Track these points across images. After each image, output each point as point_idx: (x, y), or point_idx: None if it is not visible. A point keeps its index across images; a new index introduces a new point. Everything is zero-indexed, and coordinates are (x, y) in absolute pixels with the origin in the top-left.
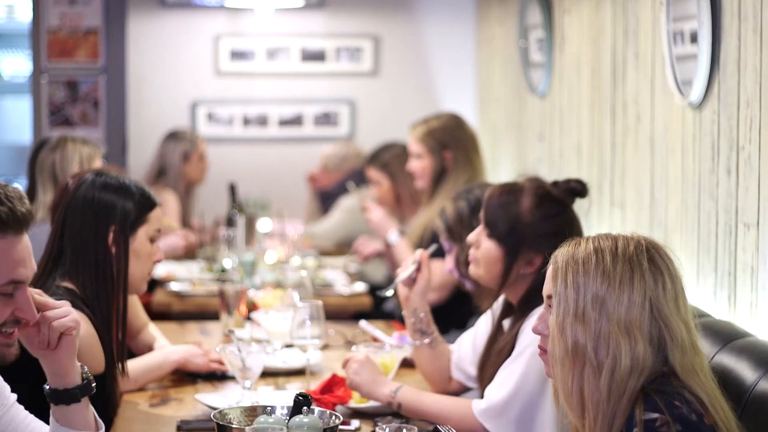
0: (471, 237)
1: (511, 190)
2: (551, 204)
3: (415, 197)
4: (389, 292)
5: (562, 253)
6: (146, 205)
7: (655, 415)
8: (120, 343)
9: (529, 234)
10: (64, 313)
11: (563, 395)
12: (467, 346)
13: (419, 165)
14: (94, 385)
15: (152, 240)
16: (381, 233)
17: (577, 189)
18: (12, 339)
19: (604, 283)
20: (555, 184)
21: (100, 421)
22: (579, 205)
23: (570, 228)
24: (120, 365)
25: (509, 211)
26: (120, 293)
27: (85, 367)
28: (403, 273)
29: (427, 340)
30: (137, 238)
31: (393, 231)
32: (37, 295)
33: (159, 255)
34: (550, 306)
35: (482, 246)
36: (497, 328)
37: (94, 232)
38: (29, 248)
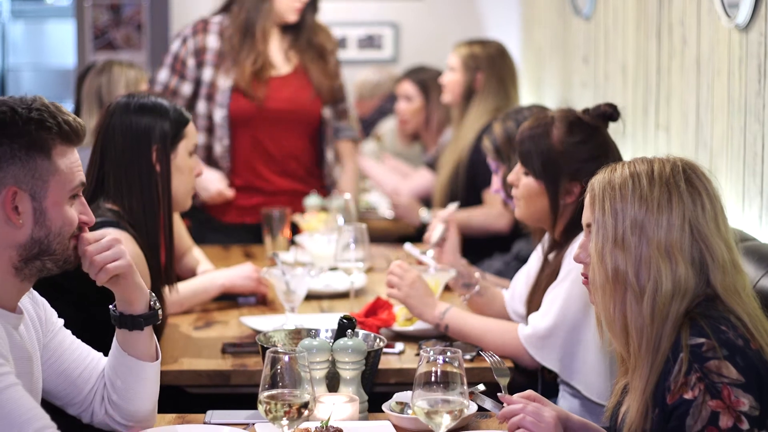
0: (511, 177)
1: (541, 122)
2: (582, 130)
3: (442, 126)
4: (424, 258)
5: (598, 180)
6: (181, 120)
7: (701, 340)
8: (168, 263)
9: (564, 163)
10: (101, 236)
11: (606, 322)
12: (521, 286)
13: (451, 77)
14: (160, 314)
15: (191, 154)
16: (409, 218)
17: (609, 113)
18: (77, 242)
19: (642, 207)
20: (586, 111)
21: (159, 351)
22: (615, 129)
23: (605, 152)
24: (168, 286)
25: (541, 144)
26: (165, 211)
27: (154, 296)
28: (434, 236)
29: (475, 290)
30: (178, 153)
31: (422, 211)
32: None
33: (199, 169)
34: (590, 234)
35: (521, 184)
36: (544, 263)
37: (137, 155)
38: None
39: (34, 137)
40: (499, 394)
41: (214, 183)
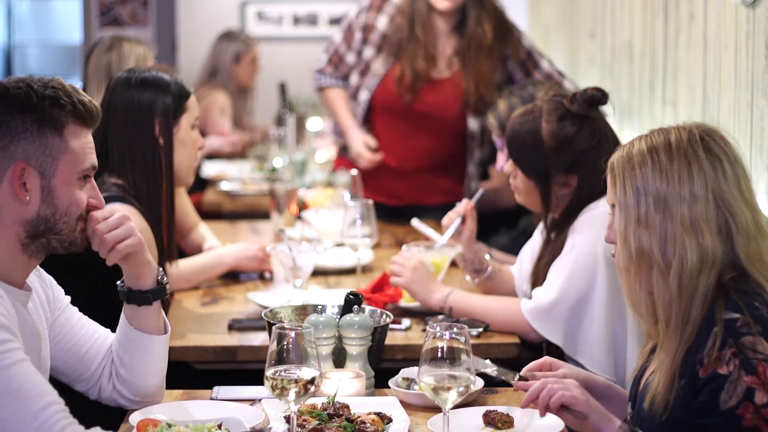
0: (507, 168)
1: (528, 117)
2: (573, 122)
3: None
4: (432, 233)
5: (617, 159)
6: (183, 93)
7: (736, 315)
8: (169, 237)
9: (556, 160)
10: (110, 213)
11: (632, 303)
12: (527, 262)
13: None
14: (168, 289)
15: (193, 127)
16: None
17: (597, 97)
18: (85, 225)
19: (663, 183)
20: (573, 97)
21: (168, 325)
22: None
23: (599, 140)
24: (169, 260)
25: (530, 143)
26: (168, 185)
27: (162, 270)
28: (450, 229)
29: (485, 275)
30: (181, 127)
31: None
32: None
33: (201, 142)
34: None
35: (518, 176)
36: (547, 240)
37: (139, 129)
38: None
39: (48, 113)
40: (513, 382)
41: (356, 140)
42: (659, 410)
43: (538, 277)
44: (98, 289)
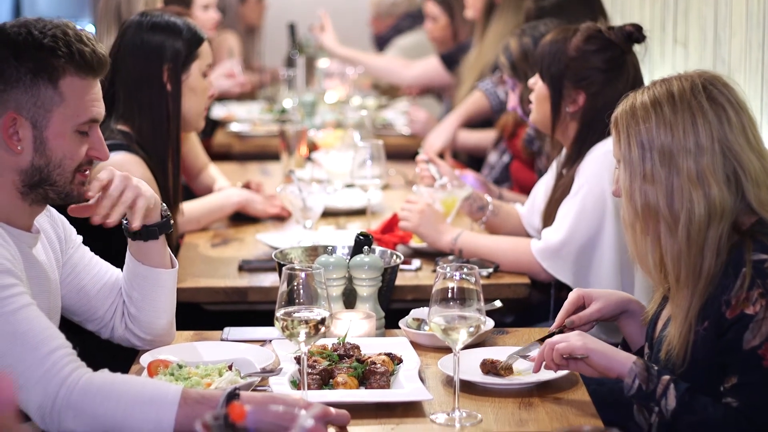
0: (531, 81)
1: (564, 31)
2: (600, 42)
3: (471, 34)
4: (440, 182)
5: (620, 114)
6: (195, 40)
7: (765, 256)
8: (175, 183)
9: (572, 69)
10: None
11: (638, 259)
12: (540, 198)
13: None
14: (172, 222)
15: (205, 75)
16: (425, 134)
17: (632, 32)
18: (86, 178)
19: (668, 136)
20: (611, 27)
21: (174, 259)
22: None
23: (618, 70)
24: (175, 205)
25: (555, 49)
26: (174, 131)
27: (164, 205)
28: (432, 170)
29: (488, 212)
30: (191, 74)
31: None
32: None
33: (213, 90)
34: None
35: (536, 88)
36: (559, 176)
37: (147, 74)
38: (101, 91)
39: (42, 64)
40: (527, 356)
41: None
42: (677, 362)
43: (549, 215)
44: (101, 236)
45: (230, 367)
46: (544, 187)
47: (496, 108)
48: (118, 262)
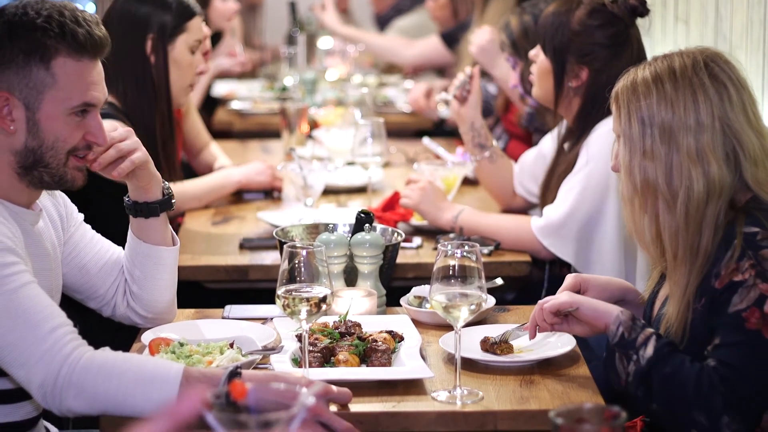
0: (531, 53)
1: (567, 2)
2: (604, 16)
3: (471, 11)
4: (442, 152)
5: (620, 89)
6: (184, 14)
7: (756, 229)
8: (170, 156)
9: (575, 44)
10: (126, 136)
11: (636, 235)
12: (530, 161)
13: None
14: (174, 201)
15: (193, 50)
16: (426, 112)
17: (635, 6)
18: (83, 163)
19: (669, 113)
20: (614, 1)
21: (176, 237)
22: (639, 24)
23: (622, 45)
24: (171, 178)
25: (558, 21)
26: (163, 104)
27: (166, 182)
28: (455, 85)
29: (486, 154)
30: (176, 47)
31: (440, 106)
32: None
33: (202, 67)
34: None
35: (537, 61)
36: (559, 151)
37: (130, 43)
38: (102, 74)
39: (35, 44)
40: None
41: None
42: (676, 340)
43: (549, 189)
44: (103, 215)
45: (231, 345)
46: (536, 153)
47: (485, 98)
48: (120, 242)
